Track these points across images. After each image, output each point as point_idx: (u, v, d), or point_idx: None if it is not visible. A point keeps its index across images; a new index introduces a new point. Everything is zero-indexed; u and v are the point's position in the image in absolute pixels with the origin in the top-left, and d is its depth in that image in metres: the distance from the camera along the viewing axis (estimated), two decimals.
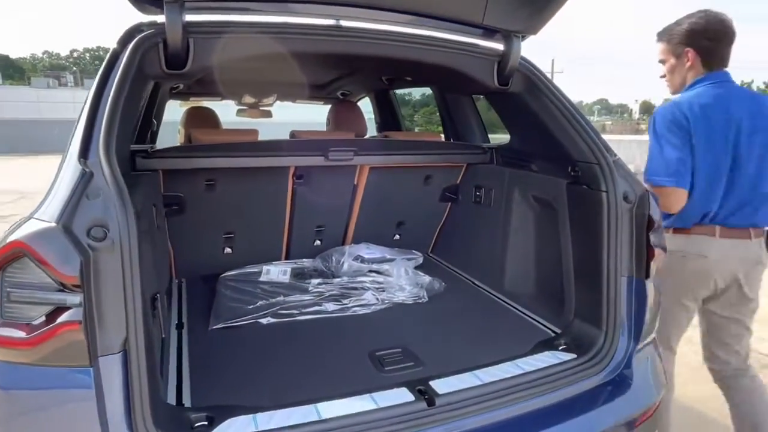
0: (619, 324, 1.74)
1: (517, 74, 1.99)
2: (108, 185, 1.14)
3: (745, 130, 1.95)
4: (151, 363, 1.23)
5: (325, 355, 1.74)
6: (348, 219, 2.65)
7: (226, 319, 1.93)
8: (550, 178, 2.08)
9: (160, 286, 1.75)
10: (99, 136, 1.23)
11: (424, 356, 1.73)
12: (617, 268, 1.73)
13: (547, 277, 2.15)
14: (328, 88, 4.05)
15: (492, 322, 2.05)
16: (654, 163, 1.99)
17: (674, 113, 1.97)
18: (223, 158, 2.06)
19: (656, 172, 1.98)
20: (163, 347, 1.68)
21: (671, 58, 2.12)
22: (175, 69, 1.57)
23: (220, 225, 2.38)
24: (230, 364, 1.66)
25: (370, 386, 1.50)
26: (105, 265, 1.10)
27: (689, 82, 2.09)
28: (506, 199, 2.32)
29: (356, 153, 2.24)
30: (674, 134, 1.95)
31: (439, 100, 3.05)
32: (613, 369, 1.69)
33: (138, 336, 1.14)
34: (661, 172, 1.96)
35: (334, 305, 2.08)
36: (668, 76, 2.16)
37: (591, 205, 1.80)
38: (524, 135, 2.28)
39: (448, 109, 2.98)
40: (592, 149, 1.82)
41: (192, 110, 3.22)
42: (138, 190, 1.63)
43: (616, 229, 1.72)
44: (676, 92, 2.17)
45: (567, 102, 1.92)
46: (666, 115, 1.98)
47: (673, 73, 2.13)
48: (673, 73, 2.14)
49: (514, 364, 1.66)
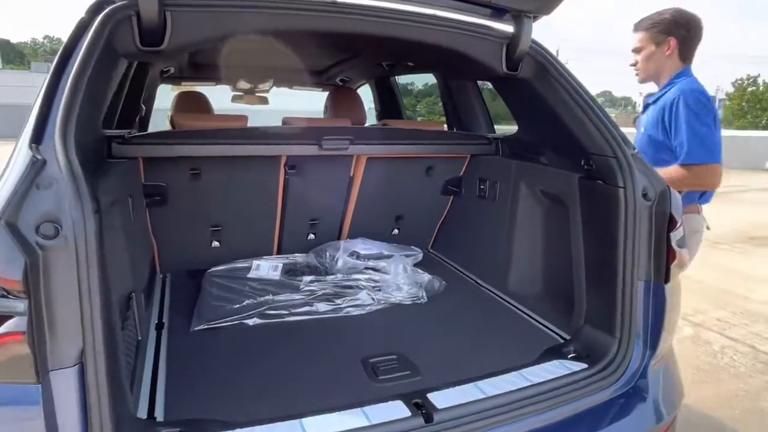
0: (634, 332, 1.61)
1: (527, 58, 1.84)
2: (63, 174, 0.99)
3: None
4: (116, 375, 1.09)
5: (314, 362, 1.61)
6: (344, 212, 2.50)
7: (210, 320, 1.79)
8: (560, 171, 1.93)
9: (135, 283, 1.61)
10: (56, 118, 1.08)
11: (421, 364, 1.59)
12: (634, 271, 1.59)
13: (555, 279, 2.01)
14: (326, 74, 3.90)
15: (495, 327, 1.91)
16: (705, 143, 2.04)
17: (703, 98, 2.08)
18: (208, 145, 1.91)
19: (710, 151, 2.04)
20: (139, 350, 1.54)
21: (650, 46, 2.22)
22: (151, 46, 1.41)
23: (207, 217, 2.23)
24: (210, 371, 1.52)
25: (362, 398, 1.38)
26: (57, 267, 0.96)
27: (665, 72, 2.22)
28: (512, 193, 2.17)
29: (352, 142, 2.09)
30: (708, 116, 2.06)
31: (443, 88, 2.89)
32: (627, 381, 1.56)
33: (98, 346, 1.00)
34: (715, 151, 2.05)
35: (326, 305, 1.94)
36: (643, 64, 2.26)
37: (606, 202, 1.66)
38: (533, 125, 2.13)
39: (451, 96, 2.82)
40: (608, 141, 1.67)
41: (182, 95, 3.06)
42: (111, 180, 1.49)
43: (633, 229, 1.58)
44: (646, 81, 2.31)
45: (581, 89, 1.77)
46: (700, 99, 2.07)
47: (649, 61, 2.24)
48: (648, 61, 2.24)
49: (520, 375, 1.53)
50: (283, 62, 3.55)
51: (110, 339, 1.06)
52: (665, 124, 2.13)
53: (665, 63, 2.21)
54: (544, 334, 1.86)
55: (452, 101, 2.83)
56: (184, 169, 2.01)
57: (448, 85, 2.82)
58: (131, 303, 1.56)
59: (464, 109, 2.76)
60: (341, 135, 2.07)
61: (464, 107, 2.76)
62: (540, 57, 1.84)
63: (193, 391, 1.42)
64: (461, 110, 2.78)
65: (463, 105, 2.76)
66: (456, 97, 2.80)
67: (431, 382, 1.47)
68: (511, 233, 2.16)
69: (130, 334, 1.51)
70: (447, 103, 2.92)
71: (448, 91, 2.85)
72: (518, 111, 2.19)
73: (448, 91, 2.85)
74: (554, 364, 1.60)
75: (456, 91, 2.78)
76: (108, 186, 1.39)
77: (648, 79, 2.29)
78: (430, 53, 1.99)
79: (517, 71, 1.86)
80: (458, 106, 2.80)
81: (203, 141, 1.90)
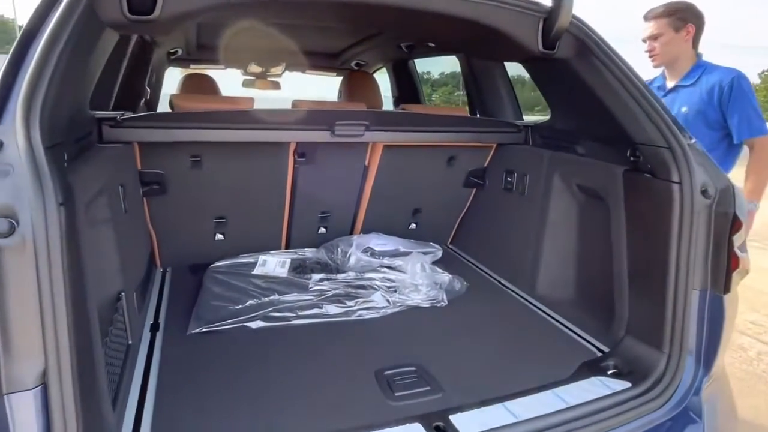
0: (686, 347, 1.42)
1: (566, 36, 1.62)
2: (21, 159, 0.82)
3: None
4: (89, 394, 0.93)
5: (321, 374, 1.44)
6: (357, 205, 2.32)
7: (209, 322, 1.63)
8: (601, 163, 1.72)
9: (127, 282, 1.45)
10: (19, 93, 0.91)
11: (442, 378, 1.42)
12: (688, 279, 1.40)
13: (591, 284, 1.81)
14: (342, 57, 3.71)
15: (524, 335, 1.72)
16: (763, 117, 2.22)
17: (749, 81, 2.31)
18: (209, 130, 1.73)
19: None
20: (128, 357, 1.39)
21: (669, 32, 2.35)
22: (141, 15, 1.23)
23: (210, 208, 2.07)
24: (206, 383, 1.36)
25: (375, 419, 1.22)
26: (11, 270, 0.79)
27: (684, 58, 2.40)
28: (544, 186, 1.96)
29: (368, 128, 1.90)
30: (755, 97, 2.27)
31: (466, 71, 2.67)
32: (676, 403, 1.37)
33: (64, 364, 0.84)
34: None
35: (337, 308, 1.77)
36: (663, 48, 2.39)
37: (656, 199, 1.46)
38: (570, 111, 1.91)
39: (476, 80, 2.60)
40: (660, 129, 1.46)
41: (187, 77, 2.90)
42: (98, 166, 1.32)
43: (689, 231, 1.38)
44: (662, 66, 2.47)
45: (629, 71, 1.55)
46: (749, 81, 2.28)
47: (669, 46, 2.37)
48: (669, 45, 2.37)
49: (554, 394, 1.35)
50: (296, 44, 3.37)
51: (83, 353, 0.90)
52: (721, 104, 2.26)
53: (684, 48, 2.37)
54: (579, 345, 1.66)
55: (477, 86, 2.62)
56: (183, 155, 1.84)
57: (473, 67, 2.60)
58: (120, 304, 1.41)
59: (490, 94, 2.54)
60: (356, 120, 1.88)
61: (490, 91, 2.54)
62: (581, 34, 1.62)
63: (184, 407, 1.26)
64: (487, 95, 2.56)
65: (488, 90, 2.55)
66: (481, 80, 2.58)
67: (454, 401, 1.31)
68: (541, 231, 1.96)
69: (119, 338, 1.36)
70: (471, 88, 2.70)
71: (471, 74, 2.63)
72: (553, 96, 1.97)
73: (471, 74, 2.63)
74: (593, 382, 1.42)
75: (481, 74, 2.57)
76: (92, 174, 1.22)
77: (665, 63, 2.45)
78: (455, 31, 1.78)
79: (554, 50, 1.64)
80: (483, 91, 2.58)
81: (204, 125, 1.72)
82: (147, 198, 1.90)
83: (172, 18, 1.28)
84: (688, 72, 2.40)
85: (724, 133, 2.29)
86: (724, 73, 2.28)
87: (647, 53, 2.45)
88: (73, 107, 1.13)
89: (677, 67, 2.43)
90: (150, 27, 1.30)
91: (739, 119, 2.21)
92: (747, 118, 2.21)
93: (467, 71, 2.65)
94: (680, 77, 2.43)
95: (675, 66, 2.43)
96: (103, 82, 1.80)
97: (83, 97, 1.28)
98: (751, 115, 2.22)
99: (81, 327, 0.91)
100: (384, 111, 2.64)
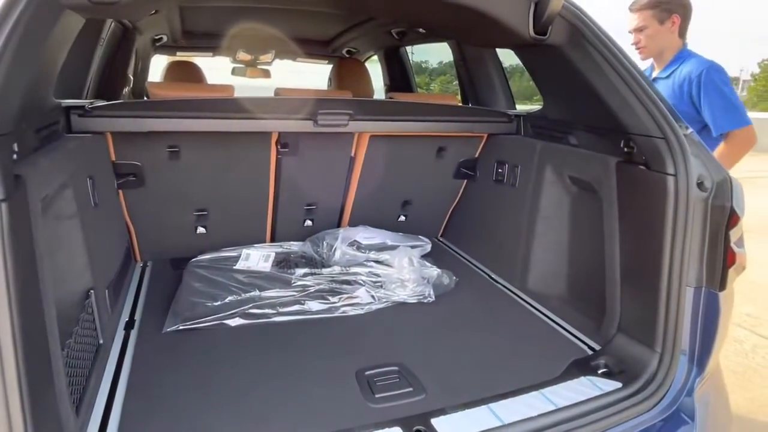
0: (679, 346, 1.36)
1: (558, 21, 1.54)
2: None
3: None
4: (44, 404, 0.88)
5: (301, 374, 1.38)
6: (344, 197, 2.25)
7: (186, 319, 1.57)
8: (594, 154, 1.66)
9: (97, 279, 1.39)
10: None
11: (426, 379, 1.36)
12: (682, 275, 1.34)
13: (583, 278, 1.75)
14: (332, 44, 3.62)
15: (512, 332, 1.66)
16: (739, 109, 2.18)
17: (725, 72, 2.24)
18: (185, 119, 1.65)
19: (744, 114, 2.19)
20: (98, 358, 1.33)
21: (654, 24, 2.30)
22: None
23: (190, 200, 2.00)
24: (179, 385, 1.30)
25: (354, 422, 1.17)
26: None
27: (670, 49, 2.34)
28: (535, 178, 1.90)
29: (352, 117, 1.82)
30: (730, 87, 2.21)
31: (457, 58, 2.59)
32: (669, 404, 1.32)
33: (7, 371, 0.78)
34: (745, 114, 2.19)
35: (319, 304, 1.71)
36: (649, 41, 2.34)
37: (650, 191, 1.40)
38: (562, 100, 1.84)
39: (467, 67, 2.52)
40: (655, 119, 1.39)
41: (171, 65, 2.81)
42: (64, 158, 1.25)
43: (685, 225, 1.32)
44: (650, 57, 2.41)
45: (624, 58, 1.48)
46: (721, 72, 2.21)
47: (655, 38, 2.32)
48: (654, 38, 2.32)
49: (542, 395, 1.30)
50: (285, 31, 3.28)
51: (34, 358, 0.84)
52: (692, 98, 2.21)
53: (671, 39, 2.32)
54: (569, 343, 1.61)
55: (468, 73, 2.53)
56: (160, 146, 1.77)
57: (464, 53, 2.52)
58: (89, 302, 1.34)
59: (481, 82, 2.46)
60: (340, 109, 1.81)
61: (481, 80, 2.46)
62: (574, 19, 1.55)
63: (154, 410, 1.20)
64: (478, 83, 2.48)
65: (480, 77, 2.47)
66: (472, 68, 2.50)
67: (436, 403, 1.25)
68: (532, 224, 1.90)
69: (87, 339, 1.30)
70: (462, 76, 2.62)
71: (463, 61, 2.55)
72: (545, 84, 1.90)
73: (463, 61, 2.55)
74: (582, 381, 1.37)
75: (472, 61, 2.48)
76: (53, 165, 1.15)
77: (652, 56, 2.40)
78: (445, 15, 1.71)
79: (546, 36, 1.57)
80: (475, 79, 2.50)
81: (180, 114, 1.65)
82: (123, 190, 1.83)
83: (135, 1, 1.20)
84: (668, 64, 2.36)
85: (700, 126, 2.23)
86: (694, 66, 2.22)
87: (633, 46, 2.40)
88: (29, 95, 1.05)
89: (664, 58, 2.38)
90: (115, 10, 1.22)
91: (712, 112, 2.16)
92: (722, 110, 2.15)
93: (459, 59, 2.57)
94: (662, 69, 2.40)
95: (662, 57, 2.38)
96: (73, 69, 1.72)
97: (43, 85, 1.20)
98: (726, 107, 2.16)
99: (31, 331, 0.85)
100: (370, 99, 2.56)
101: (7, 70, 0.87)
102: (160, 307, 1.68)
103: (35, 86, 1.13)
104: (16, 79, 0.94)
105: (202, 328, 1.56)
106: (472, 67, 2.50)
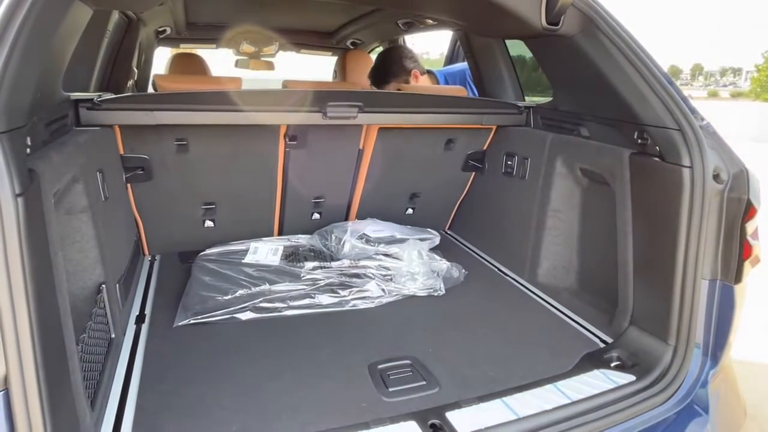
0: (693, 339, 1.36)
1: (571, 10, 1.53)
2: None
3: None
4: (61, 397, 0.87)
5: (314, 367, 1.37)
6: (352, 190, 2.23)
7: (196, 313, 1.56)
8: (606, 146, 1.64)
9: (108, 273, 1.38)
10: None
11: (439, 373, 1.36)
12: (697, 268, 1.33)
13: (594, 271, 1.74)
14: (337, 36, 3.59)
15: (524, 325, 1.66)
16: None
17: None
18: (193, 112, 1.64)
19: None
20: (111, 352, 1.33)
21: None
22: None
23: (198, 194, 1.98)
24: (191, 379, 1.30)
25: (368, 416, 1.17)
26: None
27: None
28: (546, 170, 1.88)
29: (361, 109, 1.80)
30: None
31: (466, 49, 2.56)
32: (682, 397, 1.32)
33: (27, 367, 0.78)
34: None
35: (330, 298, 1.70)
36: None
37: (665, 184, 1.38)
38: (574, 91, 1.82)
39: (475, 58, 2.49)
40: (670, 110, 1.37)
41: (176, 57, 2.79)
42: (74, 151, 1.24)
43: (700, 218, 1.31)
44: None
45: (638, 48, 1.46)
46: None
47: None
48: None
49: (556, 388, 1.29)
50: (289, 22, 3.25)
51: (52, 353, 0.84)
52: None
53: None
54: (581, 336, 1.60)
55: (476, 64, 2.51)
56: (168, 139, 1.76)
57: (471, 44, 2.49)
58: (101, 297, 1.34)
59: (490, 74, 2.43)
60: (349, 101, 1.79)
61: (490, 71, 2.43)
62: (587, 8, 1.53)
63: (169, 405, 1.20)
64: (486, 74, 2.45)
65: (488, 68, 2.44)
66: (480, 59, 2.47)
67: (451, 397, 1.25)
68: (542, 217, 1.88)
69: (99, 333, 1.30)
70: (471, 68, 2.59)
71: (471, 52, 2.52)
72: (556, 75, 1.88)
73: (471, 52, 2.52)
74: (596, 375, 1.37)
75: (480, 52, 2.45)
76: (65, 160, 1.14)
77: None
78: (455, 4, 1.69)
79: (558, 26, 1.55)
80: (483, 70, 2.47)
81: (188, 107, 1.63)
82: (131, 184, 1.82)
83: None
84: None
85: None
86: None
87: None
88: (39, 88, 1.04)
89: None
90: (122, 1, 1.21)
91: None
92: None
93: (467, 50, 2.54)
94: None
95: None
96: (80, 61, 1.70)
97: (53, 78, 1.19)
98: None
99: (48, 326, 0.84)
100: (378, 91, 2.53)
101: (20, 61, 0.86)
102: (169, 301, 1.68)
103: (46, 79, 1.12)
104: (28, 71, 0.93)
105: (213, 322, 1.56)
106: (480, 58, 2.47)
